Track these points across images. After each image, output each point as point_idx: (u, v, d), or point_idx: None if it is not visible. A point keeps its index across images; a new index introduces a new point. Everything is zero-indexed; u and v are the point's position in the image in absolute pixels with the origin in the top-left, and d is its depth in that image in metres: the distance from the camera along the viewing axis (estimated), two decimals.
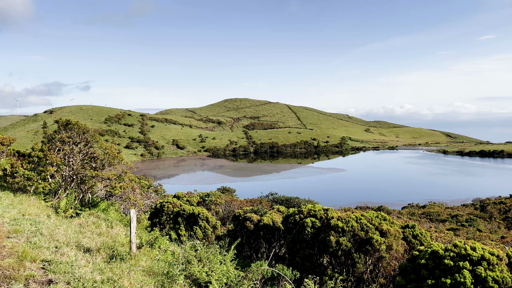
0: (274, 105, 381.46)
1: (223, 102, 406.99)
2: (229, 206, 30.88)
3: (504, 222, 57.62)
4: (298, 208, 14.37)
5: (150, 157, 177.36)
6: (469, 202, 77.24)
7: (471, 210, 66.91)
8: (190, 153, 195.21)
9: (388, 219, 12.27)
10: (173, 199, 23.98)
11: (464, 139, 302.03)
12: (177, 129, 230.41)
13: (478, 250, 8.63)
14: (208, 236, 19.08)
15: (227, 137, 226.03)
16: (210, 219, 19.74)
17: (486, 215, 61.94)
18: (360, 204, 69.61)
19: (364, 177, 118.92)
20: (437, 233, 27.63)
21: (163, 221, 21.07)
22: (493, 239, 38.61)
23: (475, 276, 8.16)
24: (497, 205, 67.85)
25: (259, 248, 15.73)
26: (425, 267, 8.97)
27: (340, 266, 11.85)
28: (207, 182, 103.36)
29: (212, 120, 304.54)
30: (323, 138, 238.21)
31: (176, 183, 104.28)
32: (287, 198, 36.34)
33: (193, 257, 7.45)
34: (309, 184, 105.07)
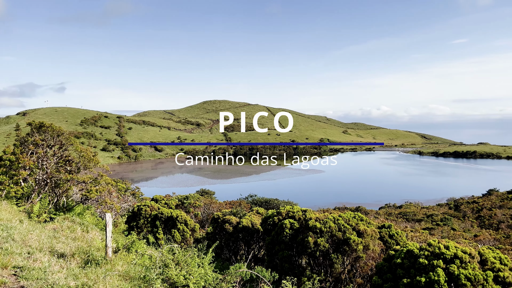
0: (254, 107, 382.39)
1: (202, 104, 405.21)
2: (208, 208, 30.71)
3: (477, 221, 59.29)
4: (277, 210, 14.42)
5: (127, 159, 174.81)
6: (443, 202, 79.15)
7: (446, 209, 68.59)
8: (169, 155, 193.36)
9: (365, 219, 12.45)
10: (151, 202, 23.68)
11: (439, 140, 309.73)
12: (155, 131, 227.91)
13: (451, 249, 8.85)
14: (186, 239, 18.93)
15: (206, 139, 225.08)
16: (189, 222, 19.59)
17: (460, 214, 63.60)
18: (338, 205, 70.37)
19: (342, 178, 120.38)
20: (413, 232, 28.22)
21: (140, 224, 20.78)
22: (466, 238, 39.70)
23: (449, 274, 8.37)
24: (470, 205, 69.77)
25: (238, 250, 15.70)
26: (400, 266, 9.14)
27: (319, 266, 11.94)
28: (186, 184, 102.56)
29: (191, 122, 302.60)
30: (301, 139, 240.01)
31: (154, 186, 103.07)
32: (267, 200, 36.42)
33: (170, 260, 7.37)
34: (288, 185, 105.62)
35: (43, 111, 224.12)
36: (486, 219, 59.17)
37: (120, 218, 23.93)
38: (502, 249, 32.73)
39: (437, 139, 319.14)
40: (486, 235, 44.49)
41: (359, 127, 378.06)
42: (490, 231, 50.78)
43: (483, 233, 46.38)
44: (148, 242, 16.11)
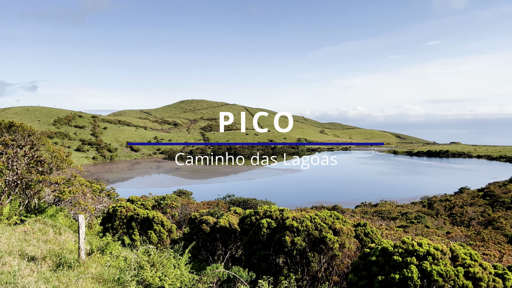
0: (231, 107, 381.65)
1: (179, 104, 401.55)
2: (186, 209, 30.46)
3: (449, 218, 60.96)
4: (255, 210, 14.42)
5: (102, 160, 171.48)
6: (417, 200, 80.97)
7: (420, 207, 70.22)
8: (145, 155, 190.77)
9: (341, 218, 12.60)
10: (127, 203, 23.29)
11: (413, 140, 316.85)
12: (131, 131, 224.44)
13: (424, 246, 9.05)
14: (163, 240, 18.71)
15: (184, 139, 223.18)
16: (166, 222, 19.37)
17: (433, 212, 65.24)
18: (315, 204, 71.03)
19: (319, 178, 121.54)
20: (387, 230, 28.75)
21: (116, 226, 20.41)
22: (439, 235, 40.76)
23: (422, 271, 8.56)
24: (443, 202, 71.68)
25: (216, 250, 15.63)
26: (375, 264, 9.28)
27: (296, 265, 12.01)
28: (162, 185, 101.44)
29: (168, 122, 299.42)
30: (279, 139, 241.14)
31: (130, 187, 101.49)
32: (245, 200, 36.40)
33: (145, 262, 7.26)
34: (267, 185, 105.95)
35: (14, 110, 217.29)
36: (458, 216, 60.90)
37: (95, 219, 23.45)
38: (473, 245, 33.75)
39: (411, 139, 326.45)
40: (458, 232, 45.80)
41: (336, 127, 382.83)
42: (461, 228, 52.30)
43: (455, 230, 47.72)
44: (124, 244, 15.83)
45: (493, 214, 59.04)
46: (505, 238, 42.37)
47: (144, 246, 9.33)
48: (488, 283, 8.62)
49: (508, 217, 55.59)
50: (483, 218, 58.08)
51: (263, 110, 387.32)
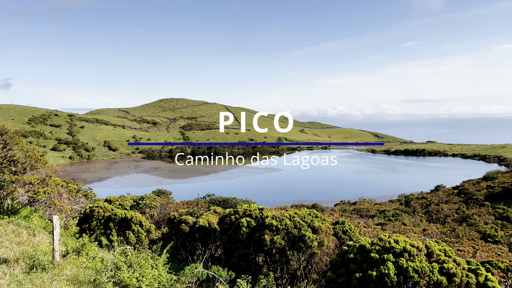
0: (212, 106, 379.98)
1: (159, 102, 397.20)
2: (165, 209, 30.17)
3: (425, 215, 62.31)
4: (234, 209, 14.39)
5: (79, 159, 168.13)
6: (395, 198, 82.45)
7: (397, 205, 71.53)
8: (124, 155, 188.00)
9: (320, 216, 12.70)
10: (104, 203, 22.89)
11: (391, 139, 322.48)
12: (109, 130, 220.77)
13: (400, 243, 9.21)
14: (141, 241, 18.47)
15: (163, 138, 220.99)
16: (144, 223, 19.13)
17: (410, 209, 66.55)
18: (295, 203, 71.45)
19: (299, 176, 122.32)
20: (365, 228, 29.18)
21: (93, 226, 20.03)
22: (416, 232, 41.63)
23: (398, 267, 8.71)
24: (419, 200, 73.22)
25: (195, 250, 15.53)
26: (353, 261, 9.40)
27: (275, 264, 12.04)
28: (141, 185, 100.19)
29: (146, 121, 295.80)
30: (260, 138, 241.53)
31: (108, 187, 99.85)
32: (224, 199, 36.31)
33: (122, 263, 7.15)
34: (247, 184, 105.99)
35: None
36: (434, 213, 62.31)
37: (71, 220, 23.00)
38: (448, 241, 34.60)
39: (389, 138, 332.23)
40: (434, 229, 46.87)
41: (316, 126, 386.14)
42: (437, 225, 53.54)
43: (431, 227, 48.82)
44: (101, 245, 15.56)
45: (467, 211, 60.66)
46: (478, 234, 43.60)
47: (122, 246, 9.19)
48: (462, 278, 8.84)
49: (482, 214, 57.22)
50: (458, 215, 59.60)
51: (243, 109, 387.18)
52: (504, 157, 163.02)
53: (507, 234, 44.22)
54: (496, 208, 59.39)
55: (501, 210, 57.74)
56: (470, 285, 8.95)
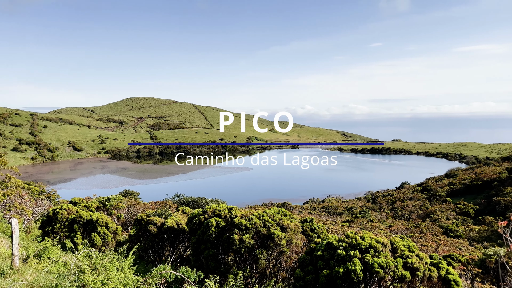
0: (181, 105, 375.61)
1: (125, 101, 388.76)
2: (132, 210, 29.57)
3: (391, 212, 64.07)
4: (203, 209, 14.28)
5: (42, 160, 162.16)
6: (362, 195, 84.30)
7: (364, 202, 73.18)
8: (89, 155, 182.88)
9: (289, 214, 12.80)
10: (69, 205, 22.18)
11: (358, 138, 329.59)
12: (73, 130, 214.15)
13: (366, 239, 9.42)
14: (108, 243, 18.02)
15: (130, 138, 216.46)
16: (110, 224, 18.67)
17: (376, 206, 68.25)
18: (265, 201, 71.75)
19: (269, 175, 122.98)
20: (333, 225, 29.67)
21: (56, 229, 19.37)
22: (382, 228, 42.72)
23: (364, 263, 8.90)
24: (385, 197, 75.21)
25: (163, 251, 15.30)
26: (321, 258, 9.53)
27: (244, 263, 12.04)
28: (108, 185, 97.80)
29: (113, 120, 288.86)
30: (230, 138, 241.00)
31: (73, 188, 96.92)
32: (194, 199, 35.99)
33: (86, 266, 6.94)
34: (217, 183, 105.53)
35: None
36: (399, 210, 64.17)
37: (33, 223, 22.15)
38: (412, 237, 35.71)
39: (356, 137, 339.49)
40: (399, 225, 48.26)
41: (285, 125, 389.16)
42: (402, 221, 55.17)
43: (397, 223, 50.24)
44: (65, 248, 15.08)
45: (431, 207, 62.85)
46: (441, 229, 45.27)
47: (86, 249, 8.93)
48: (424, 272, 9.14)
49: (444, 210, 59.43)
50: (422, 211, 61.65)
51: (213, 109, 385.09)
52: (464, 155, 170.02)
53: (467, 228, 46.14)
54: (457, 204, 61.86)
55: (462, 206, 60.17)
56: (432, 279, 9.27)
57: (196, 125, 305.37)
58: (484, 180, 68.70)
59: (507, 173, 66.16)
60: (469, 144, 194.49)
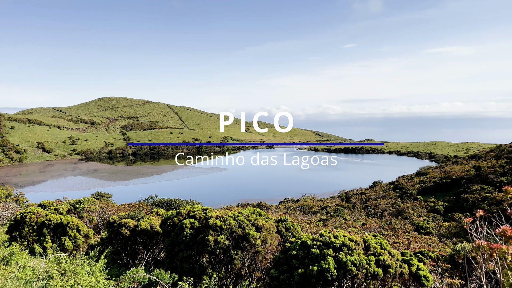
0: (154, 105, 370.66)
1: (97, 101, 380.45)
2: (105, 212, 28.94)
3: (364, 210, 65.24)
4: (177, 210, 14.13)
5: (9, 162, 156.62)
6: (336, 194, 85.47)
7: (338, 201, 74.22)
8: (59, 156, 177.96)
9: (264, 214, 12.82)
10: (38, 208, 21.51)
11: (331, 137, 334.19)
12: (43, 131, 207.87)
13: (340, 238, 9.54)
14: (79, 247, 17.57)
15: (102, 139, 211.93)
16: (82, 228, 18.21)
17: (350, 205, 69.34)
18: (241, 202, 71.74)
19: (245, 175, 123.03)
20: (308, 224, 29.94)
21: (25, 233, 18.73)
22: (356, 226, 43.42)
23: (338, 261, 9.02)
24: (359, 196, 76.51)
25: (137, 254, 15.05)
26: (295, 258, 9.59)
27: (219, 264, 11.98)
28: (79, 188, 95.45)
29: (84, 121, 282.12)
30: (205, 138, 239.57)
31: (43, 191, 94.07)
32: (168, 201, 35.56)
33: (55, 271, 6.73)
34: (192, 184, 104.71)
35: None
36: (372, 208, 65.42)
37: (0, 228, 21.39)
38: (385, 234, 36.48)
39: (330, 136, 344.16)
40: (372, 223, 49.20)
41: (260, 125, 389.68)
42: (375, 219, 56.28)
43: (370, 221, 51.20)
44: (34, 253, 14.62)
45: (402, 205, 64.39)
46: (412, 226, 46.44)
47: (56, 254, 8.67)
48: (396, 269, 9.34)
49: (415, 207, 60.99)
50: (394, 209, 63.06)
51: (187, 109, 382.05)
52: (434, 153, 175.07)
53: (437, 225, 47.53)
54: (428, 201, 63.62)
55: (432, 203, 61.93)
56: (404, 275, 9.49)
57: (171, 125, 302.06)
58: (453, 178, 70.92)
59: (474, 171, 68.53)
60: (439, 143, 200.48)
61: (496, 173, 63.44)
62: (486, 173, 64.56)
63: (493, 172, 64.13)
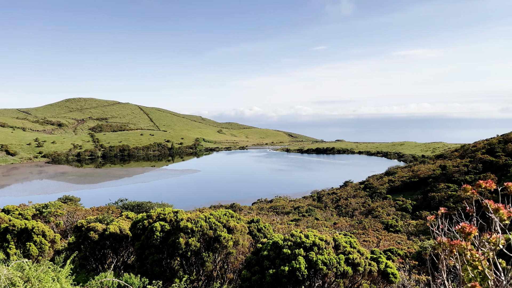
0: (124, 106, 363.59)
1: (64, 102, 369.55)
2: (73, 217, 28.13)
3: (336, 210, 66.21)
4: (148, 213, 13.91)
5: None
6: (308, 194, 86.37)
7: (310, 201, 75.02)
8: (25, 159, 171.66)
9: (236, 215, 12.79)
10: (1, 213, 20.70)
11: (303, 138, 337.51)
12: (6, 133, 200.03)
13: (310, 237, 9.64)
14: (45, 252, 17.00)
15: (70, 141, 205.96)
16: (48, 233, 17.63)
17: (322, 205, 70.21)
18: (214, 203, 71.39)
19: (218, 177, 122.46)
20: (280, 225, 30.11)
21: None
22: (327, 226, 44.02)
23: (308, 261, 9.11)
24: (330, 196, 77.59)
25: (106, 258, 14.70)
26: (267, 258, 9.62)
27: (191, 266, 11.88)
28: (46, 191, 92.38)
29: (51, 122, 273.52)
30: (177, 139, 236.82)
31: (7, 195, 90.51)
32: (139, 204, 34.92)
33: (18, 278, 6.48)
34: (164, 187, 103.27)
35: None
36: (343, 207, 66.48)
37: None
38: (356, 233, 37.15)
39: (302, 137, 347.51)
40: (343, 222, 50.00)
41: (233, 126, 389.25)
42: (346, 218, 57.22)
43: (341, 221, 52.02)
44: None
45: (372, 204, 65.77)
46: (382, 225, 47.50)
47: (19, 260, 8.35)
48: (365, 267, 9.52)
49: (384, 206, 62.43)
50: (364, 208, 64.32)
51: (158, 110, 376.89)
52: (402, 153, 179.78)
53: (405, 223, 48.81)
54: (397, 200, 65.27)
55: (401, 202, 63.57)
56: (373, 273, 9.68)
57: (141, 126, 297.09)
58: (420, 177, 73.05)
59: (441, 170, 70.84)
60: (407, 143, 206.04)
61: (461, 172, 65.81)
62: (452, 172, 66.86)
63: (458, 171, 66.49)
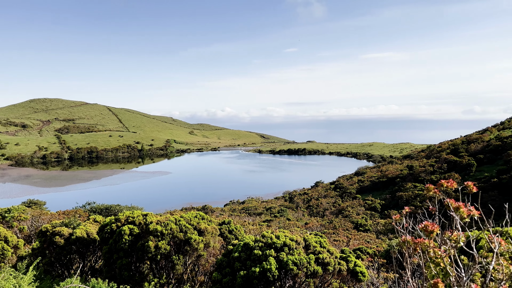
0: (92, 107, 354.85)
1: (29, 103, 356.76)
2: (37, 221, 27.12)
3: (307, 210, 66.90)
4: (116, 216, 13.60)
5: None
6: (280, 195, 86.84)
7: (282, 202, 75.48)
8: None
9: (207, 217, 12.69)
10: None
11: (275, 139, 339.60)
12: None
13: (281, 238, 9.68)
14: (7, 258, 16.32)
15: (35, 143, 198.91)
16: (10, 238, 16.94)
17: (293, 205, 70.77)
18: (185, 205, 70.64)
19: (190, 179, 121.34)
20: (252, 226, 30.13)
21: None
22: (299, 226, 44.42)
23: (279, 262, 9.14)
24: (301, 196, 78.34)
25: (72, 264, 14.25)
26: (238, 260, 9.59)
27: (161, 270, 11.70)
28: (9, 195, 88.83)
29: (14, 123, 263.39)
30: (147, 141, 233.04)
31: None
32: (107, 207, 34.11)
33: None
34: (133, 189, 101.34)
35: None
36: (314, 208, 67.27)
37: None
38: (326, 233, 37.65)
39: (274, 138, 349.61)
40: (314, 222, 50.60)
41: (205, 127, 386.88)
42: (317, 218, 57.93)
43: (312, 221, 52.63)
44: None
45: (343, 204, 66.87)
46: (352, 224, 48.38)
47: None
48: (335, 266, 9.65)
49: (354, 206, 63.60)
50: (335, 208, 65.32)
51: (128, 111, 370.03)
52: (371, 154, 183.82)
53: (375, 222, 49.90)
54: (366, 200, 66.64)
55: (370, 201, 64.95)
56: (342, 272, 9.83)
57: (110, 128, 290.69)
58: (388, 177, 74.88)
59: (408, 170, 72.88)
60: (376, 144, 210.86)
61: (427, 172, 67.94)
62: (418, 172, 68.90)
63: (424, 171, 68.59)
